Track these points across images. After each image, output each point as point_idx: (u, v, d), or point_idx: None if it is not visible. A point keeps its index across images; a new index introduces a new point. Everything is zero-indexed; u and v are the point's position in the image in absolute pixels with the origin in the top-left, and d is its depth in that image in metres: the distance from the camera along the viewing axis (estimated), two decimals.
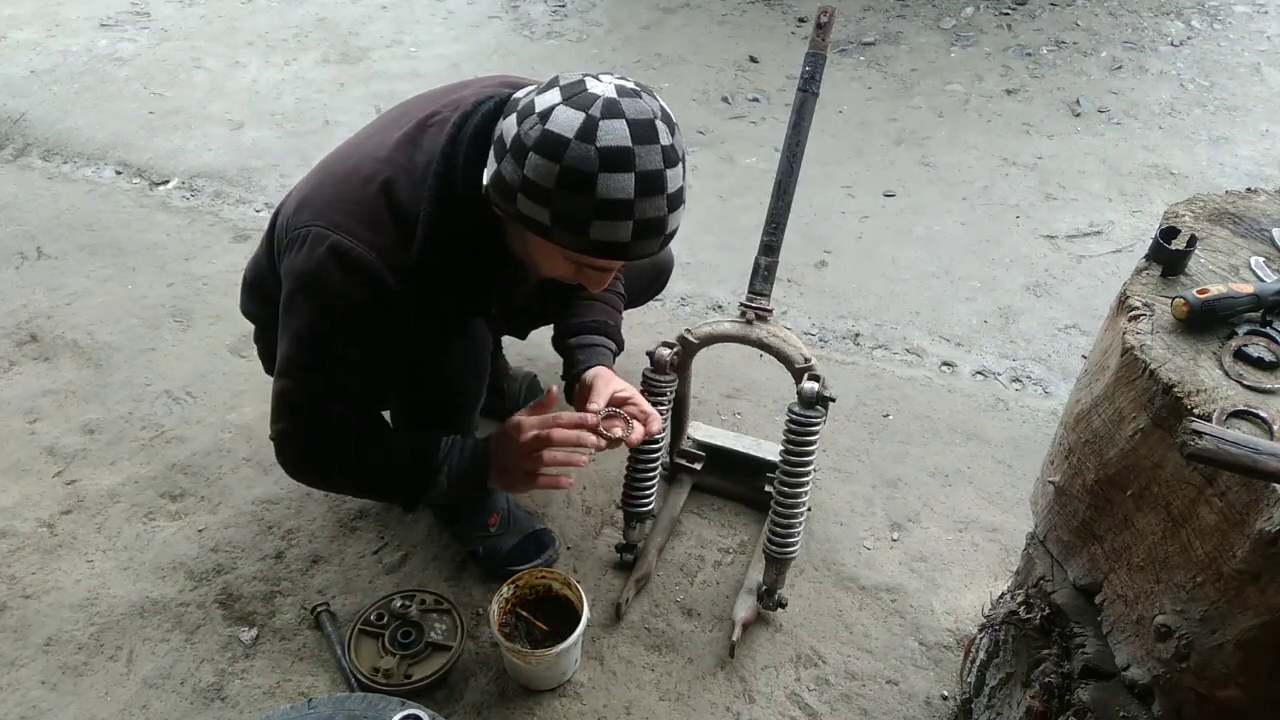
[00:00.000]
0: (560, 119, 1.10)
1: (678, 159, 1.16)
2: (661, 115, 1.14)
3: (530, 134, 1.11)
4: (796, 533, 1.61)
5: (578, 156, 1.09)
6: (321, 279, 1.26)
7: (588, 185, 1.10)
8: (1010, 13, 4.33)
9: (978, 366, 2.38)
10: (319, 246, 1.26)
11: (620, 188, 1.10)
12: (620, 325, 1.66)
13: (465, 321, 1.50)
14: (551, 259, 1.25)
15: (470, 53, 3.98)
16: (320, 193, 1.32)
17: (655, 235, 1.17)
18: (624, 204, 1.12)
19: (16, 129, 3.35)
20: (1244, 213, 1.20)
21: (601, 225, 1.13)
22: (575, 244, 1.17)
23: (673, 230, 1.21)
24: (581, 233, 1.14)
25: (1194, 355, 0.97)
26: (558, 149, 1.09)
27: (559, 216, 1.13)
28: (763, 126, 3.46)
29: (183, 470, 2.00)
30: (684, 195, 1.19)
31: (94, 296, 2.51)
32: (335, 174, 1.34)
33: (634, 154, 1.10)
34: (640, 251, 1.19)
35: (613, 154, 1.09)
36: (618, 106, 1.11)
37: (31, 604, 1.72)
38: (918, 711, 1.59)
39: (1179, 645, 0.95)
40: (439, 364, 1.47)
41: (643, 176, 1.11)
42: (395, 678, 1.56)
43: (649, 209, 1.13)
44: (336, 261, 1.25)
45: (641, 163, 1.11)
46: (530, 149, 1.11)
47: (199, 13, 4.32)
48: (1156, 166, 3.25)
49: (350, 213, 1.27)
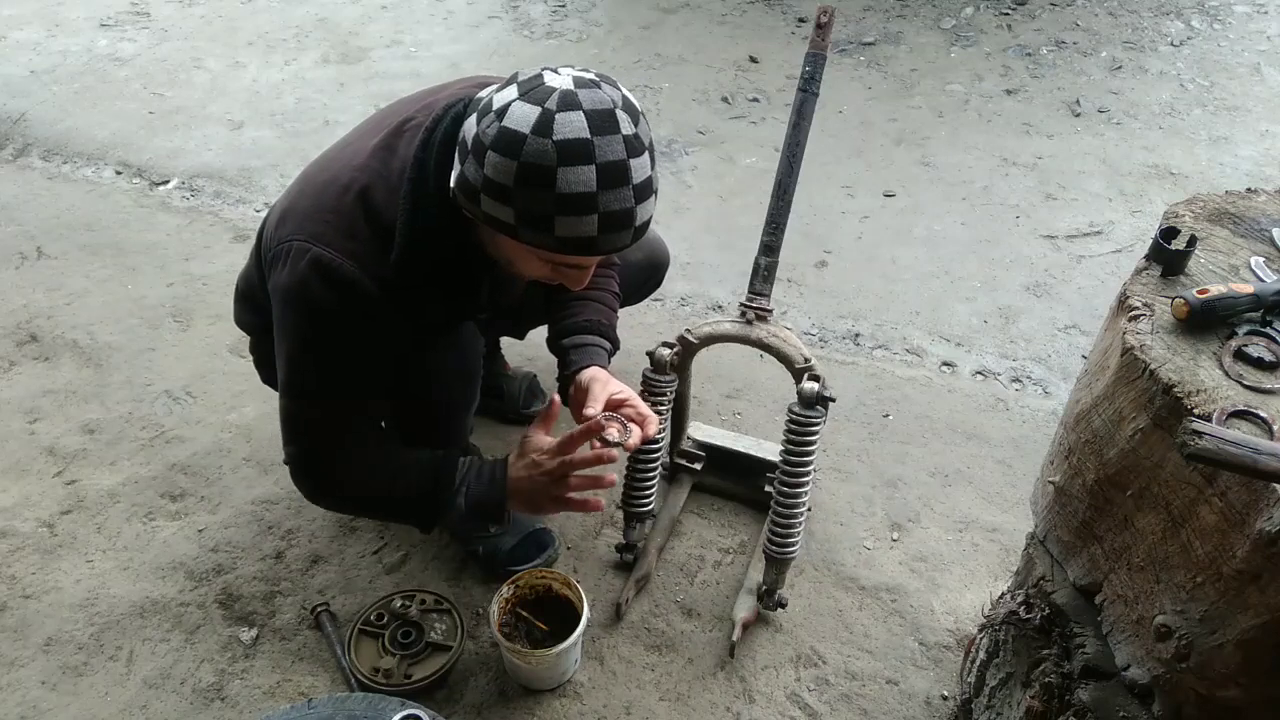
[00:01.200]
0: (516, 115, 1.09)
1: (643, 148, 1.14)
2: (623, 105, 1.12)
3: (488, 132, 1.10)
4: (796, 533, 1.61)
5: (535, 151, 1.07)
6: (306, 294, 1.27)
7: (547, 180, 1.08)
8: (1010, 13, 4.33)
9: (978, 366, 2.38)
10: (300, 261, 1.26)
11: (581, 180, 1.09)
12: (615, 324, 1.66)
13: (456, 325, 1.50)
14: (524, 259, 1.24)
15: (470, 53, 3.98)
16: (300, 204, 1.32)
17: (623, 228, 1.15)
18: (586, 197, 1.10)
19: (16, 129, 3.35)
20: (1244, 213, 1.20)
21: (565, 221, 1.11)
22: (541, 242, 1.15)
23: (643, 222, 1.18)
24: (546, 230, 1.12)
25: (1194, 355, 0.97)
26: (514, 145, 1.08)
27: (522, 215, 1.12)
28: (763, 126, 3.46)
29: (183, 470, 2.00)
30: (654, 185, 1.17)
31: (94, 296, 2.51)
32: (315, 184, 1.33)
33: (593, 145, 1.08)
34: (609, 245, 1.17)
35: (571, 147, 1.07)
36: (574, 98, 1.09)
37: (31, 604, 1.72)
38: (918, 711, 1.59)
39: (1179, 645, 0.95)
40: (429, 369, 1.46)
41: (604, 168, 1.09)
42: (395, 678, 1.56)
43: (613, 201, 1.11)
44: (318, 275, 1.25)
45: (602, 154, 1.09)
46: (488, 147, 1.10)
47: (199, 13, 4.32)
48: (1156, 166, 3.25)
49: (329, 223, 1.27)
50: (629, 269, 1.77)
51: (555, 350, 1.61)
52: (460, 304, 1.43)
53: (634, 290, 1.87)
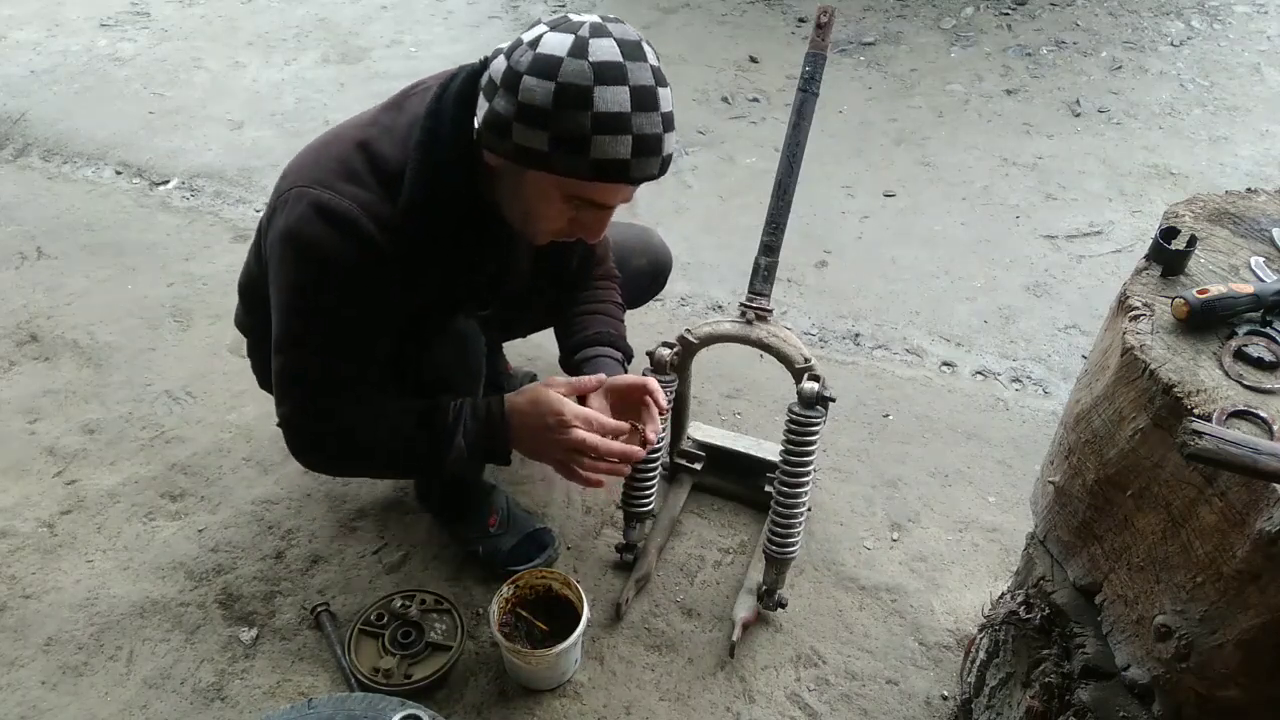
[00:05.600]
0: (551, 42, 1.12)
1: (666, 82, 1.18)
2: (645, 40, 1.18)
3: (522, 60, 1.12)
4: (796, 533, 1.61)
5: (572, 71, 1.10)
6: (305, 234, 1.25)
7: (584, 99, 1.10)
8: (1010, 13, 4.33)
9: (978, 366, 2.38)
10: (300, 203, 1.25)
11: (617, 100, 1.11)
12: (624, 334, 1.65)
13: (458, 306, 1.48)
14: (548, 202, 1.23)
15: (470, 53, 3.94)
16: (301, 160, 1.33)
17: (653, 154, 1.17)
18: (622, 117, 1.12)
19: (16, 129, 3.35)
20: (1244, 213, 1.20)
21: (601, 141, 1.12)
22: (575, 167, 1.15)
23: (669, 153, 1.20)
24: (582, 152, 1.13)
25: (1194, 355, 0.97)
26: (551, 67, 1.10)
27: (557, 138, 1.12)
28: (763, 126, 3.46)
29: (183, 470, 2.00)
30: (674, 121, 1.20)
31: (94, 296, 2.51)
32: (318, 142, 1.35)
33: (626, 69, 1.12)
34: (640, 171, 1.17)
35: (606, 68, 1.10)
36: (604, 28, 1.14)
37: (31, 604, 1.72)
38: (918, 711, 1.59)
39: (1179, 645, 0.95)
40: (433, 366, 1.46)
41: (637, 91, 1.12)
42: (395, 678, 1.56)
43: (645, 124, 1.14)
44: (319, 215, 1.24)
45: (634, 78, 1.12)
46: (524, 73, 1.12)
47: (199, 13, 4.32)
48: (1156, 166, 3.25)
49: (331, 169, 1.26)
50: (632, 274, 1.77)
51: (569, 368, 1.60)
52: (463, 278, 1.41)
53: (637, 295, 1.87)
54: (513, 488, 1.94)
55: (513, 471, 2.00)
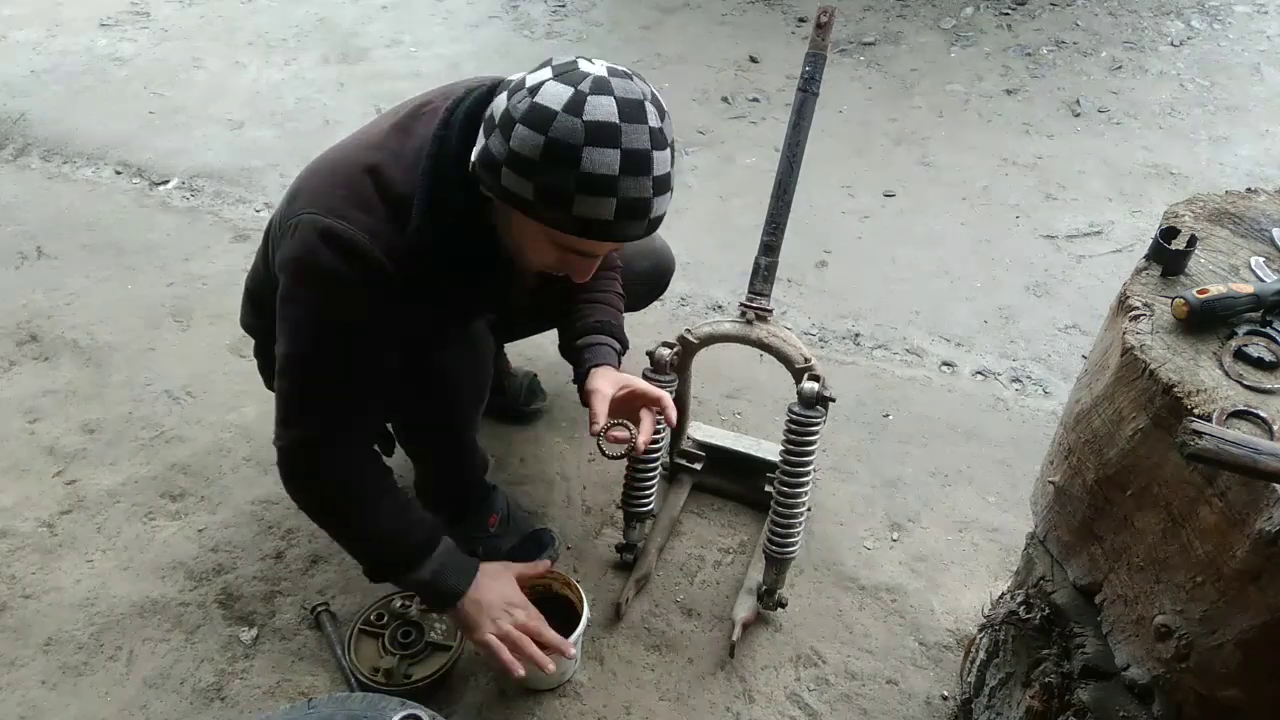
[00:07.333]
0: (549, 92, 1.10)
1: (666, 144, 1.15)
2: (651, 99, 1.14)
3: (518, 107, 1.11)
4: (796, 533, 1.61)
5: (563, 128, 1.08)
6: (315, 263, 1.25)
7: (572, 158, 1.09)
8: (1010, 13, 4.33)
9: (978, 366, 2.38)
10: (310, 232, 1.25)
11: (605, 163, 1.10)
12: (623, 325, 1.66)
13: (465, 320, 1.50)
14: (536, 242, 1.24)
15: (470, 53, 3.98)
16: (311, 182, 1.32)
17: (639, 217, 1.16)
18: (608, 180, 1.11)
19: (16, 129, 3.35)
20: (1244, 213, 1.20)
21: (584, 200, 1.12)
22: (557, 220, 1.15)
23: (658, 215, 1.19)
24: (564, 208, 1.13)
25: (1194, 355, 0.97)
26: (544, 121, 1.09)
27: (542, 190, 1.12)
28: (763, 126, 3.46)
29: (183, 470, 2.00)
30: (671, 182, 1.18)
31: (94, 296, 2.51)
32: (327, 163, 1.34)
33: (621, 131, 1.10)
34: (624, 233, 1.17)
35: (599, 129, 1.09)
36: (607, 84, 1.11)
37: (31, 604, 1.72)
38: (918, 711, 1.59)
39: (1179, 645, 0.95)
40: (442, 367, 1.46)
41: (628, 154, 1.10)
42: (395, 678, 1.56)
43: (633, 188, 1.12)
44: (329, 244, 1.24)
45: (628, 140, 1.10)
46: (518, 121, 1.11)
47: (199, 13, 4.32)
48: (1156, 166, 3.25)
49: (341, 197, 1.26)
50: (635, 277, 1.77)
51: (567, 354, 1.60)
52: (473, 291, 1.42)
53: (640, 297, 1.87)
54: (513, 488, 1.94)
55: (513, 472, 2.00)
